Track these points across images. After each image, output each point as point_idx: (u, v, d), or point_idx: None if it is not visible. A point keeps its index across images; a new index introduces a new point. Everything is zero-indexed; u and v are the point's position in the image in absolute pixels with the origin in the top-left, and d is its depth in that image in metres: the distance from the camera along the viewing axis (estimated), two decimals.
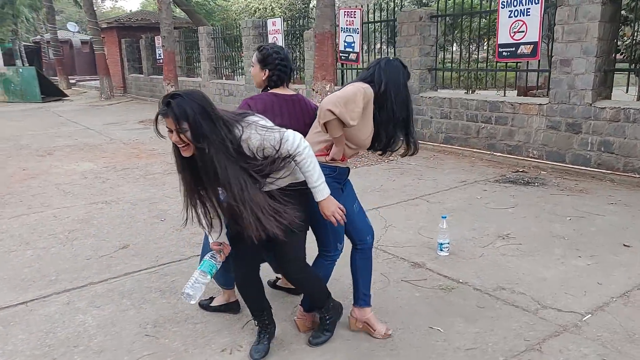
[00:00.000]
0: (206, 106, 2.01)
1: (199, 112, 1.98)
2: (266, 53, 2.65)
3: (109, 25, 19.44)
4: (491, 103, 6.66)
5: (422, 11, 7.47)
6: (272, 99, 2.63)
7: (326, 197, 2.26)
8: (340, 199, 2.47)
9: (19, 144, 8.99)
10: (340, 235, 2.60)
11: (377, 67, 2.56)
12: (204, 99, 2.04)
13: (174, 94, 2.01)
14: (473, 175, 5.88)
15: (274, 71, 2.65)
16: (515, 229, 4.10)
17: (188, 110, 1.97)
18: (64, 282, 3.33)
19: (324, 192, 2.25)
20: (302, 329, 2.71)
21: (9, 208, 5.06)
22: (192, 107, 1.98)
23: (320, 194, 2.25)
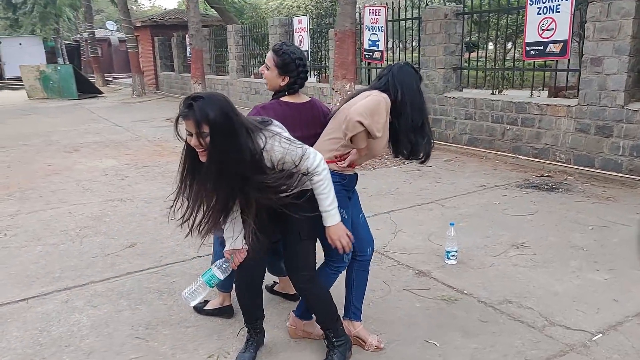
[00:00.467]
0: (229, 112, 1.94)
1: (222, 117, 1.91)
2: (288, 59, 2.49)
3: (143, 24, 19.82)
4: (517, 104, 6.41)
5: (447, 8, 7.27)
6: (284, 109, 2.51)
7: (336, 224, 2.21)
8: (347, 208, 2.45)
9: (50, 140, 9.22)
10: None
11: (390, 74, 2.51)
12: (227, 103, 1.97)
13: (196, 96, 1.94)
14: (494, 179, 5.67)
15: (296, 79, 2.53)
16: (531, 237, 3.91)
17: (210, 114, 1.89)
18: (66, 279, 3.35)
19: (335, 218, 2.20)
20: (292, 336, 2.64)
21: (28, 203, 5.17)
22: (215, 111, 1.90)
23: (331, 219, 2.20)
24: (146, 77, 20.05)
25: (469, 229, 4.12)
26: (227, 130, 1.92)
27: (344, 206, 2.41)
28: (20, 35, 31.90)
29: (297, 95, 2.59)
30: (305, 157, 2.09)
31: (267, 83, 2.61)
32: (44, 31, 30.90)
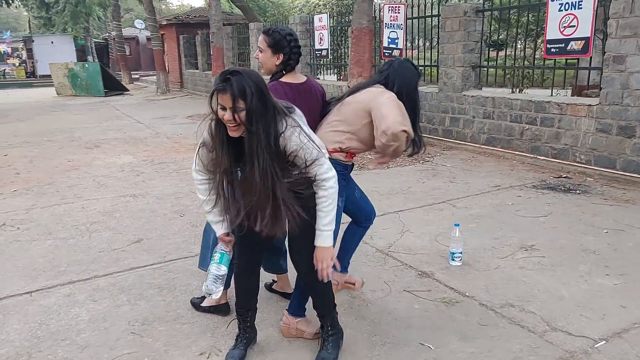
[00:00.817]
0: (263, 89, 1.96)
1: (257, 93, 1.92)
2: (278, 37, 2.56)
3: (168, 22, 20.09)
4: (536, 103, 6.25)
5: (467, 5, 7.13)
6: (286, 90, 2.54)
7: (326, 246, 2.17)
8: (342, 196, 2.54)
9: (73, 136, 9.42)
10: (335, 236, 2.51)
11: (391, 68, 2.64)
12: (262, 81, 1.97)
13: (234, 70, 1.94)
14: (510, 179, 5.54)
15: (290, 54, 2.56)
16: (541, 240, 3.80)
17: (247, 89, 1.89)
18: (71, 274, 3.40)
19: (327, 241, 2.16)
20: (285, 335, 2.62)
21: (44, 198, 5.28)
22: (251, 87, 1.90)
23: (322, 240, 2.16)
24: (171, 75, 20.33)
25: (478, 230, 4.03)
26: (261, 106, 1.94)
27: (341, 194, 2.44)
28: (52, 34, 32.73)
29: (295, 74, 2.63)
30: (319, 163, 2.07)
31: (262, 67, 2.64)
32: (75, 30, 31.65)
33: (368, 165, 6.28)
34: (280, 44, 2.54)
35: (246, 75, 1.92)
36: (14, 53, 40.31)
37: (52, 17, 34.66)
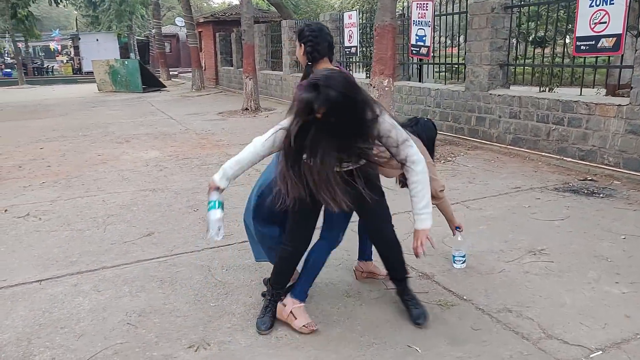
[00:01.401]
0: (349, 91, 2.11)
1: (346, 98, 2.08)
2: (299, 29, 2.87)
3: (205, 20, 20.44)
4: (564, 103, 6.05)
5: (494, 1, 6.96)
6: None
7: (425, 228, 2.40)
8: None
9: (107, 131, 9.73)
10: (342, 226, 2.70)
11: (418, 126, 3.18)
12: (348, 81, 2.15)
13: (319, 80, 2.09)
14: (532, 181, 5.38)
15: (307, 43, 2.78)
16: (552, 244, 3.68)
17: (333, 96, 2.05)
18: (81, 264, 3.53)
19: (425, 223, 2.39)
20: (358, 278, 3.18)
21: (69, 190, 5.48)
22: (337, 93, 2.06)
23: (420, 222, 2.40)
24: (208, 72, 20.69)
25: (489, 233, 3.94)
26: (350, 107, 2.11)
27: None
28: (97, 32, 33.88)
29: (328, 64, 2.81)
30: (409, 145, 2.27)
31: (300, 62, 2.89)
32: (119, 28, 32.65)
33: None
34: (301, 35, 2.82)
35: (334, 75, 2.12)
36: (63, 50, 41.97)
37: (99, 16, 35.90)
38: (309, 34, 2.77)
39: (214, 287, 3.16)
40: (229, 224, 4.24)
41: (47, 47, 42.40)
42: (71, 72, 33.37)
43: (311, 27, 2.83)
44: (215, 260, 3.57)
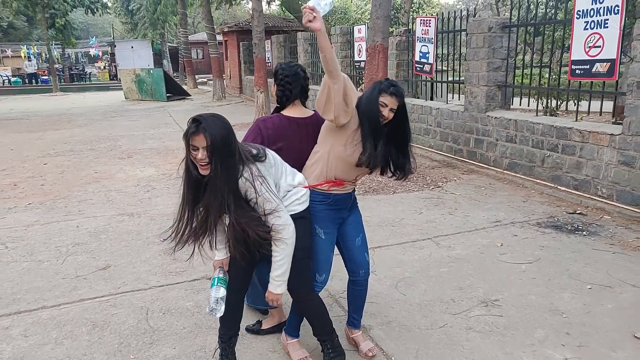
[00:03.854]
0: (231, 133, 2.17)
1: (223, 138, 2.12)
2: (275, 69, 2.78)
3: (229, 29, 20.64)
4: (558, 129, 5.74)
5: (492, 20, 6.69)
6: (284, 123, 2.67)
7: (277, 293, 2.41)
8: (343, 227, 2.70)
9: (115, 145, 9.91)
10: (320, 267, 2.65)
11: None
12: (228, 126, 2.18)
13: (203, 115, 2.16)
14: (515, 213, 5.12)
15: (279, 88, 2.72)
16: (509, 294, 3.46)
17: (217, 131, 2.10)
18: (23, 302, 3.53)
19: (278, 289, 2.40)
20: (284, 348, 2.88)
21: (50, 213, 5.56)
22: (221, 129, 2.12)
23: (273, 287, 2.39)
24: (232, 80, 20.90)
25: (448, 277, 3.75)
26: (228, 148, 2.15)
27: (323, 226, 2.59)
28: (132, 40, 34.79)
29: (300, 108, 2.73)
30: (276, 215, 2.26)
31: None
32: (153, 36, 33.44)
33: None
34: (275, 76, 2.74)
35: (216, 118, 2.15)
36: (104, 56, 43.39)
37: (137, 23, 36.91)
38: (281, 79, 2.69)
39: (142, 335, 3.10)
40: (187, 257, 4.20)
41: (88, 53, 43.86)
42: (108, 78, 34.37)
43: (285, 71, 2.71)
44: (158, 302, 3.52)
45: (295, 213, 2.43)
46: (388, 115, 2.50)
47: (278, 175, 2.42)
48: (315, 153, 2.63)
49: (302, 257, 2.49)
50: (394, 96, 2.49)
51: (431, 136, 8.12)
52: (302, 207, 2.47)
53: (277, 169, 2.41)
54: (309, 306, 2.62)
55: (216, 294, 2.44)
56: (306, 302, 2.61)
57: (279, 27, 19.07)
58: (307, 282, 2.59)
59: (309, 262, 2.59)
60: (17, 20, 37.87)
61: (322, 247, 2.63)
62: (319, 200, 2.57)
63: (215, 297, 2.44)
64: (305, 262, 2.55)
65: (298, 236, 2.39)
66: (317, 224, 2.59)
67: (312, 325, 2.68)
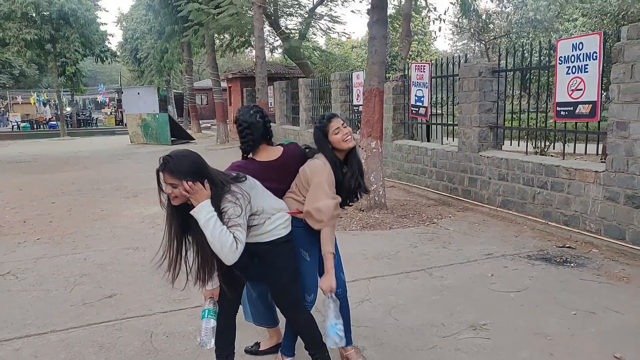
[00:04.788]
0: (199, 166, 2.38)
1: (192, 170, 2.33)
2: (236, 117, 2.83)
3: (233, 76, 21.35)
4: (547, 166, 6.00)
5: (482, 65, 7.09)
6: (256, 168, 2.78)
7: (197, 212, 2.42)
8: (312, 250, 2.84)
9: (121, 185, 10.19)
10: (308, 288, 2.85)
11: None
12: (197, 160, 2.39)
13: (172, 154, 2.37)
14: (507, 247, 5.31)
15: (241, 139, 2.83)
16: (497, 319, 3.62)
17: (183, 167, 2.31)
18: (32, 327, 3.70)
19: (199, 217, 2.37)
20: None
21: (58, 247, 5.77)
22: (186, 165, 2.33)
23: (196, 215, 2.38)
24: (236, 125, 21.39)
25: (438, 304, 3.91)
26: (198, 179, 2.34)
27: (307, 249, 2.82)
28: (138, 86, 35.80)
29: (267, 150, 2.84)
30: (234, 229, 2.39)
31: None
32: (159, 82, 34.42)
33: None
34: (236, 124, 2.81)
35: (182, 156, 2.35)
36: (110, 102, 44.44)
37: (144, 70, 38.01)
38: (242, 130, 2.77)
39: (147, 355, 3.26)
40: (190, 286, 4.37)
41: (96, 99, 45.00)
42: (114, 123, 35.16)
43: (245, 122, 2.77)
44: (161, 326, 3.68)
45: (281, 237, 2.65)
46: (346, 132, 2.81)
47: (260, 198, 2.60)
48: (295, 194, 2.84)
49: (288, 280, 2.70)
50: (332, 119, 2.84)
51: (427, 176, 8.39)
52: (286, 231, 2.69)
53: (257, 192, 2.60)
54: (300, 322, 2.80)
55: (206, 325, 2.58)
56: (297, 319, 2.79)
57: (282, 74, 19.74)
58: (296, 301, 2.78)
59: (296, 284, 2.76)
60: (28, 69, 39.04)
61: (309, 268, 2.87)
62: (299, 225, 2.79)
63: (206, 329, 2.57)
64: (293, 284, 2.74)
65: (284, 259, 2.64)
66: (302, 247, 2.82)
67: (303, 340, 2.83)
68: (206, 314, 2.62)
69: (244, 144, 2.81)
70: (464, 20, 19.94)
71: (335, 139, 2.82)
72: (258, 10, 11.46)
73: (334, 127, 2.81)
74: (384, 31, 6.89)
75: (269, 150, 2.85)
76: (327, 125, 2.83)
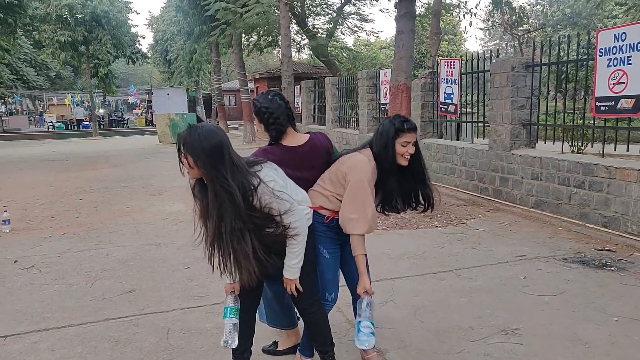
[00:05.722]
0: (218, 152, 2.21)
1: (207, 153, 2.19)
2: (255, 108, 2.72)
3: (260, 76, 21.40)
4: (584, 165, 5.71)
5: (515, 60, 6.81)
6: (284, 155, 2.69)
7: (292, 278, 2.49)
8: (331, 248, 2.73)
9: (147, 183, 10.23)
10: (329, 287, 2.75)
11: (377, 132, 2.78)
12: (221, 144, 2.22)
13: (199, 128, 2.24)
14: (541, 249, 5.05)
15: (267, 127, 2.72)
16: (530, 323, 3.40)
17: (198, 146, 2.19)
18: (52, 320, 3.66)
19: (293, 274, 2.48)
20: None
21: (82, 242, 5.77)
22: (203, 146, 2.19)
23: (288, 273, 2.48)
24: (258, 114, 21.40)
25: (466, 306, 3.71)
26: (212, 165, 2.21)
27: (326, 246, 2.71)
28: (168, 87, 36.25)
29: (294, 136, 2.74)
30: (290, 214, 2.33)
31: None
32: (188, 83, 34.78)
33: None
34: (258, 116, 2.72)
35: (205, 136, 2.20)
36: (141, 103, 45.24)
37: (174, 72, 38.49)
38: (267, 117, 2.67)
39: (162, 352, 3.16)
40: (210, 283, 4.29)
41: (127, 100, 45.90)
42: (144, 124, 35.69)
43: (268, 108, 2.67)
44: (179, 322, 3.59)
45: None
46: (410, 150, 2.63)
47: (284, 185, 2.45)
48: (324, 188, 2.70)
49: (308, 272, 2.57)
50: (412, 131, 2.64)
51: (456, 175, 8.14)
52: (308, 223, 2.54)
53: (281, 177, 2.46)
54: (315, 318, 2.69)
55: (229, 324, 2.50)
56: (312, 314, 2.68)
57: (309, 74, 19.67)
58: (314, 295, 2.67)
59: (315, 275, 2.66)
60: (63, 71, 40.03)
61: (328, 266, 2.74)
62: (320, 222, 2.67)
63: (229, 328, 2.50)
64: (312, 276, 2.63)
65: (306, 252, 2.49)
66: (320, 244, 2.69)
67: (316, 337, 2.74)
68: (228, 313, 2.53)
69: (272, 130, 2.69)
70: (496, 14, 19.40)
71: (399, 150, 2.64)
72: (284, 7, 11.38)
73: (406, 139, 2.63)
74: (412, 25, 6.70)
75: (295, 135, 2.75)
76: (402, 132, 2.62)
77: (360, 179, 2.56)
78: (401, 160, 2.65)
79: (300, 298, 2.59)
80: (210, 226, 2.28)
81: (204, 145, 2.19)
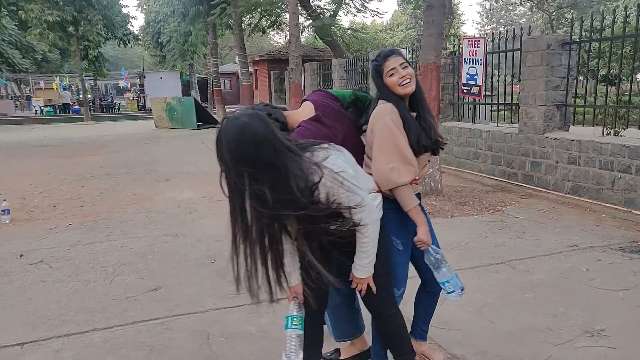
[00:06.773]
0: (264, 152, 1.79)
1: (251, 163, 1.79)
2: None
3: (260, 58, 20.84)
4: (631, 148, 5.35)
5: (550, 37, 6.42)
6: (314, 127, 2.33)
7: (364, 277, 2.18)
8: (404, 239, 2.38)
9: (150, 169, 9.75)
10: (398, 280, 2.42)
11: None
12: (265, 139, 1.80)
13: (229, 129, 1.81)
14: (592, 237, 4.71)
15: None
16: (615, 322, 3.05)
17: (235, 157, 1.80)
18: (73, 324, 3.24)
19: (365, 273, 2.17)
20: None
21: (92, 234, 5.33)
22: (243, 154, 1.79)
23: (360, 272, 2.17)
24: None
25: (535, 304, 3.35)
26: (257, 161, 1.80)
27: (400, 236, 2.35)
28: (161, 71, 35.50)
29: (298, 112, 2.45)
30: (361, 210, 2.00)
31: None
32: (181, 66, 34.02)
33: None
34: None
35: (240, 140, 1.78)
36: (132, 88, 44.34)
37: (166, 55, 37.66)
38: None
39: None
40: None
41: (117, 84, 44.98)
42: (136, 109, 34.96)
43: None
44: (217, 325, 3.20)
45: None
46: (404, 74, 2.25)
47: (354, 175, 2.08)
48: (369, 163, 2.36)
49: (384, 272, 2.24)
50: (388, 57, 2.28)
51: (481, 160, 7.77)
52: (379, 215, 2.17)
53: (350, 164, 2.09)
54: (394, 325, 2.34)
55: (293, 336, 2.18)
56: (391, 320, 2.33)
57: (311, 56, 19.15)
58: (391, 297, 2.35)
59: (388, 277, 2.32)
60: (51, 53, 38.95)
61: (400, 260, 2.40)
62: (391, 208, 2.29)
63: (293, 341, 2.17)
64: (388, 277, 2.30)
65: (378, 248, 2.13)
66: (393, 234, 2.32)
67: (395, 347, 2.39)
68: (290, 323, 2.18)
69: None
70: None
71: (390, 82, 2.27)
72: None
73: (389, 67, 2.25)
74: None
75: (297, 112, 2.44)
76: (381, 65, 2.28)
77: (384, 123, 2.23)
78: (399, 89, 2.27)
79: (375, 300, 2.24)
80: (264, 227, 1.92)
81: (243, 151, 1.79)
